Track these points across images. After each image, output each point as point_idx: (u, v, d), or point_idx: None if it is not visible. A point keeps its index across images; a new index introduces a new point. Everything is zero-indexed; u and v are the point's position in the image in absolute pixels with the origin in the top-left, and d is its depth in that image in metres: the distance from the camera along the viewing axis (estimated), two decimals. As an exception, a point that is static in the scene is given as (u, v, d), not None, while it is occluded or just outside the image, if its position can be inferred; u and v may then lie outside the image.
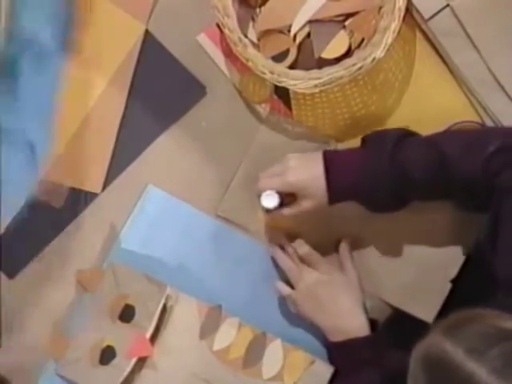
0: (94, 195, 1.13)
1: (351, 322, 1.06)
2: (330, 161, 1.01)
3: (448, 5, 1.08)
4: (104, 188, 1.14)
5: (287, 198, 1.04)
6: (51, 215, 1.12)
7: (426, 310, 1.10)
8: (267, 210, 1.04)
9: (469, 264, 1.12)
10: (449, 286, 1.11)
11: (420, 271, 1.12)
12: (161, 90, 1.14)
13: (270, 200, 1.03)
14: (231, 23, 1.05)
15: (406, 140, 1.01)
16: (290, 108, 1.14)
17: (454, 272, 1.11)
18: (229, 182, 1.14)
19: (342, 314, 1.06)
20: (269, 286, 1.11)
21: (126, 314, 1.07)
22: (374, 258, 1.12)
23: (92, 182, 1.13)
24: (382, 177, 0.99)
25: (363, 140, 1.04)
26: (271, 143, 1.13)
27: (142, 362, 1.07)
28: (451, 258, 1.11)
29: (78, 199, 1.13)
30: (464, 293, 1.11)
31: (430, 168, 0.98)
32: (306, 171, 1.02)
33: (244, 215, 1.13)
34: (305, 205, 1.02)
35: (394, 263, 1.12)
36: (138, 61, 1.14)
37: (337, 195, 1.02)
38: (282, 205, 1.04)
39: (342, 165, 1.01)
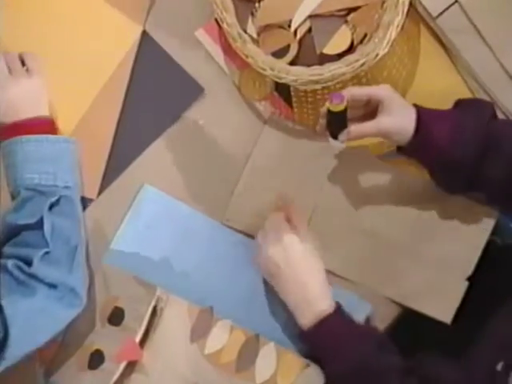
0: (89, 200, 1.12)
1: (315, 292, 1.02)
2: (421, 109, 1.00)
3: (456, 1, 1.07)
4: (101, 191, 1.12)
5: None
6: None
7: (443, 310, 1.08)
8: (333, 122, 1.00)
9: (485, 261, 1.09)
10: (465, 284, 1.09)
11: (435, 270, 1.09)
12: (159, 92, 1.13)
13: (337, 100, 0.96)
14: (230, 18, 1.03)
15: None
16: (290, 105, 1.12)
17: (470, 269, 1.09)
18: (230, 182, 1.12)
19: (304, 284, 1.02)
20: (268, 288, 1.09)
21: (115, 317, 1.06)
22: (386, 256, 1.10)
23: (87, 187, 1.11)
24: (479, 134, 0.98)
25: (457, 103, 1.03)
26: (273, 146, 1.12)
27: (131, 366, 1.05)
28: (467, 255, 1.09)
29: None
30: (482, 291, 1.09)
31: None
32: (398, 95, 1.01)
33: (250, 223, 1.11)
34: (389, 120, 0.99)
35: (407, 262, 1.10)
36: (136, 63, 1.13)
37: (424, 131, 0.98)
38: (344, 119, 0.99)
39: (435, 114, 1.00)
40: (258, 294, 1.10)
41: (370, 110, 1.01)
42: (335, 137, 1.02)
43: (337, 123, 1.00)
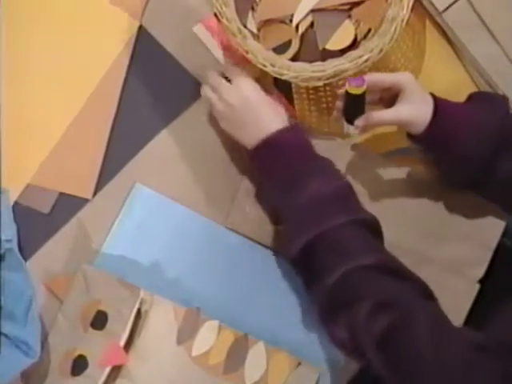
0: (84, 200, 1.10)
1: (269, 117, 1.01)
2: (440, 101, 1.00)
3: (463, -6, 1.07)
4: (97, 191, 1.10)
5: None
6: (38, 221, 1.09)
7: (453, 313, 1.04)
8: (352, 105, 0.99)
9: (494, 262, 1.08)
10: (477, 286, 1.08)
11: (445, 272, 1.08)
12: (156, 89, 1.12)
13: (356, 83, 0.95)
14: (229, 12, 1.02)
15: None
16: (292, 103, 1.11)
17: (481, 272, 1.08)
18: (232, 182, 1.10)
19: (264, 121, 1.01)
20: (264, 288, 1.08)
21: (98, 321, 1.04)
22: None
23: (82, 186, 1.10)
24: (490, 133, 0.97)
25: (470, 97, 1.03)
26: None
27: (116, 371, 1.04)
28: (477, 257, 1.08)
29: (67, 205, 1.09)
30: (490, 293, 1.07)
31: None
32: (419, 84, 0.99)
33: (255, 226, 1.09)
34: (406, 109, 0.98)
35: (417, 264, 1.06)
36: (132, 59, 1.12)
37: (441, 120, 0.98)
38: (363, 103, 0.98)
39: (452, 107, 1.00)
40: (254, 296, 1.09)
41: (389, 95, 1.01)
42: (351, 122, 1.00)
43: (354, 107, 0.99)
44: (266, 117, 1.01)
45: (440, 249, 1.09)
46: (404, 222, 1.09)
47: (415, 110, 0.98)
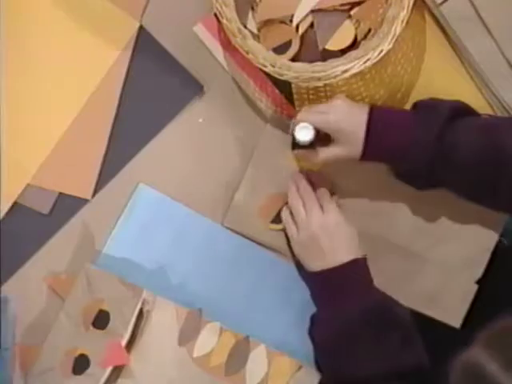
0: (84, 200, 1.10)
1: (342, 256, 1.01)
2: (375, 116, 0.98)
3: (462, -11, 1.06)
4: (96, 192, 1.10)
5: (321, 142, 1.01)
6: (38, 221, 1.09)
7: (451, 314, 1.08)
8: (297, 146, 1.01)
9: (494, 263, 1.09)
10: (475, 287, 1.08)
11: (443, 273, 1.08)
12: (156, 89, 1.11)
13: (304, 133, 0.99)
14: (229, 12, 1.01)
15: (461, 117, 0.98)
16: (292, 103, 1.10)
17: (479, 272, 1.08)
18: (230, 183, 1.10)
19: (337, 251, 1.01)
20: (266, 291, 1.08)
21: (100, 321, 1.04)
22: (393, 259, 1.08)
23: (82, 187, 1.09)
24: (426, 148, 0.96)
25: (415, 105, 1.02)
26: (276, 146, 1.10)
27: (117, 371, 1.04)
28: (476, 258, 1.08)
29: (67, 205, 1.09)
30: (488, 292, 1.08)
31: (481, 156, 0.95)
32: (349, 116, 0.99)
33: (252, 225, 1.09)
34: (337, 151, 0.99)
35: (415, 265, 1.09)
36: (132, 59, 1.11)
37: (372, 152, 0.98)
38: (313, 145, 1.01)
39: (386, 124, 0.98)
40: (256, 298, 1.09)
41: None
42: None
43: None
44: (341, 248, 1.01)
45: (439, 249, 1.09)
46: (403, 223, 1.09)
47: (348, 147, 0.98)
